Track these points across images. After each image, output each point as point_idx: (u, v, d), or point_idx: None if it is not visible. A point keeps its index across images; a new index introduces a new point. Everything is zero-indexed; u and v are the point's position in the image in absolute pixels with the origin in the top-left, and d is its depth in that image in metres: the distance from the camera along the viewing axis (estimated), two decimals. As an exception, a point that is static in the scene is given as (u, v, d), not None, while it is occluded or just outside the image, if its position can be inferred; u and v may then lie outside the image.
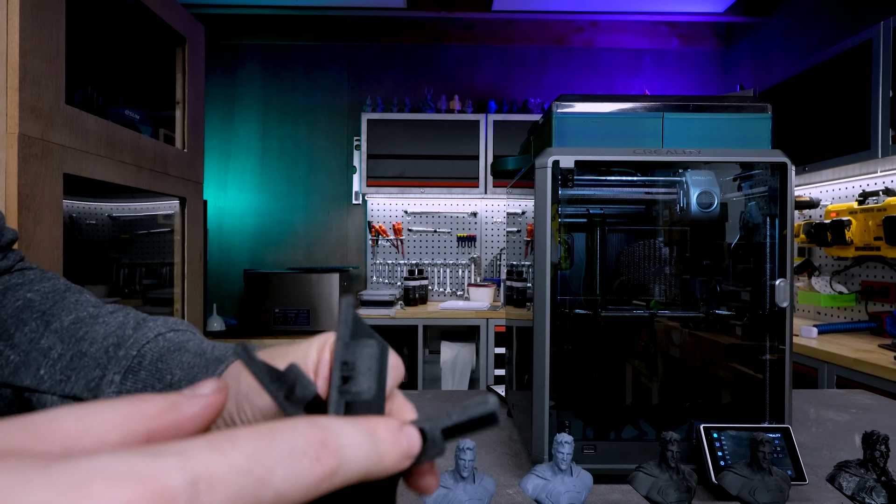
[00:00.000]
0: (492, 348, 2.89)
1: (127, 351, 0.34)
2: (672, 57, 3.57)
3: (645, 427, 0.85)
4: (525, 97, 3.50)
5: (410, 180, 3.13)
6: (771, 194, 0.79)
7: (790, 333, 0.77)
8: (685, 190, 0.83)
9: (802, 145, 2.16)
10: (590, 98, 0.81)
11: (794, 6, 2.87)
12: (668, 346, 0.91)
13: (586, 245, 0.91)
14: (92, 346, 0.35)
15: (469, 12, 3.23)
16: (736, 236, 0.87)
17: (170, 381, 0.32)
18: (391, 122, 3.14)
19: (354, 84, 3.52)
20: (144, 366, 0.33)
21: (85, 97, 1.46)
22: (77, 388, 0.33)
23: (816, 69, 2.10)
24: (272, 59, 3.51)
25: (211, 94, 3.40)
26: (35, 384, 0.33)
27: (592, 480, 0.60)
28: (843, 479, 0.63)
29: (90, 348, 0.35)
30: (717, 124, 0.81)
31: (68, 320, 0.36)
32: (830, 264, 2.36)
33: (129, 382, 0.32)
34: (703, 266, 0.90)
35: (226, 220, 3.49)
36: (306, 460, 0.15)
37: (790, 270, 0.77)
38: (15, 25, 1.10)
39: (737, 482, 0.63)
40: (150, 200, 1.73)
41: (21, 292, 0.38)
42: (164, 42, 1.78)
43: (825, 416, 1.03)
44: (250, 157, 3.52)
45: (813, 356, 1.86)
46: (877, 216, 1.92)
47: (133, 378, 0.32)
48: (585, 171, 0.82)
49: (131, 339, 0.35)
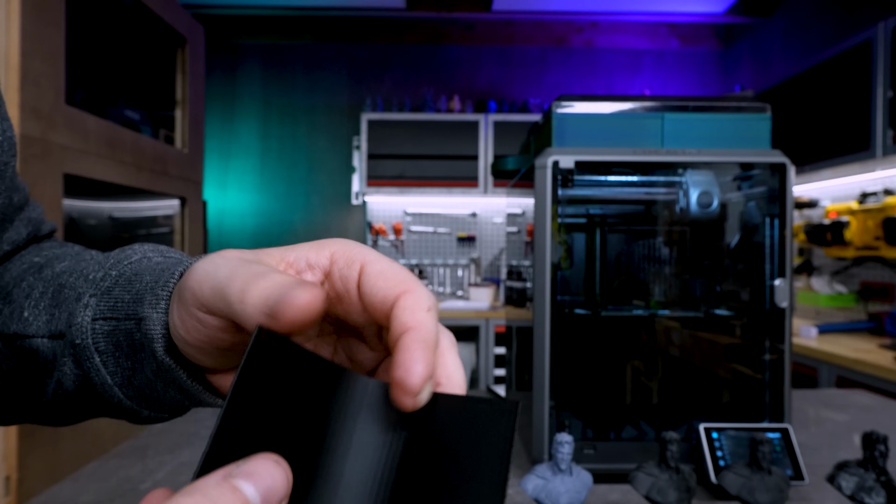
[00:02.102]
0: (492, 348, 2.89)
1: (106, 272, 0.31)
2: (672, 57, 3.57)
3: (645, 427, 0.85)
4: (525, 97, 3.50)
5: (410, 180, 3.13)
6: (770, 194, 0.80)
7: (789, 333, 0.77)
8: (685, 190, 0.83)
9: (802, 145, 2.16)
10: (590, 98, 0.81)
11: (793, 6, 2.87)
12: (667, 346, 0.91)
13: (586, 245, 0.91)
14: (71, 276, 0.32)
15: (469, 12, 3.23)
16: (736, 236, 0.87)
17: (138, 289, 0.29)
18: (391, 122, 3.14)
19: (354, 84, 3.53)
20: (120, 283, 0.30)
21: (85, 97, 1.46)
22: (61, 324, 0.30)
23: (816, 69, 2.10)
24: (272, 59, 3.51)
25: (211, 94, 3.40)
26: (22, 328, 0.31)
27: (592, 480, 0.60)
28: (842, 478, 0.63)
29: (69, 279, 0.32)
30: (716, 124, 0.81)
31: (60, 267, 0.34)
32: (830, 264, 2.36)
33: (103, 303, 0.29)
34: (702, 266, 0.90)
35: (226, 220, 3.49)
36: None
37: (790, 270, 0.77)
38: (15, 26, 1.10)
39: (736, 482, 0.63)
40: (150, 200, 1.73)
41: (28, 257, 0.37)
42: (165, 42, 1.78)
43: (825, 416, 1.04)
44: (250, 157, 3.52)
45: (812, 356, 1.86)
46: (876, 216, 1.92)
47: (107, 298, 0.29)
48: (585, 171, 0.82)
49: (111, 261, 0.31)
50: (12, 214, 0.38)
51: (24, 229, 0.39)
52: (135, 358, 0.29)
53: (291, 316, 0.19)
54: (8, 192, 0.36)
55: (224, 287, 0.21)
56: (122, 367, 0.29)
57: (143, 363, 0.29)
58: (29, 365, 0.32)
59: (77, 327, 0.29)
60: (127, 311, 0.29)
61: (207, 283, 0.22)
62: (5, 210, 0.37)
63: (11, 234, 0.38)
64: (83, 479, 0.73)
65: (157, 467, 0.76)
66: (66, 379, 0.30)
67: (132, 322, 0.28)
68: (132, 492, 0.69)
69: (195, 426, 0.93)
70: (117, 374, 0.29)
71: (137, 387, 0.30)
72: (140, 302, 0.28)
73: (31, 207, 0.40)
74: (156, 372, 0.28)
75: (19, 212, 0.39)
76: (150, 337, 0.26)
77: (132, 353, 0.29)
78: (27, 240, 0.40)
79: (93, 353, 0.29)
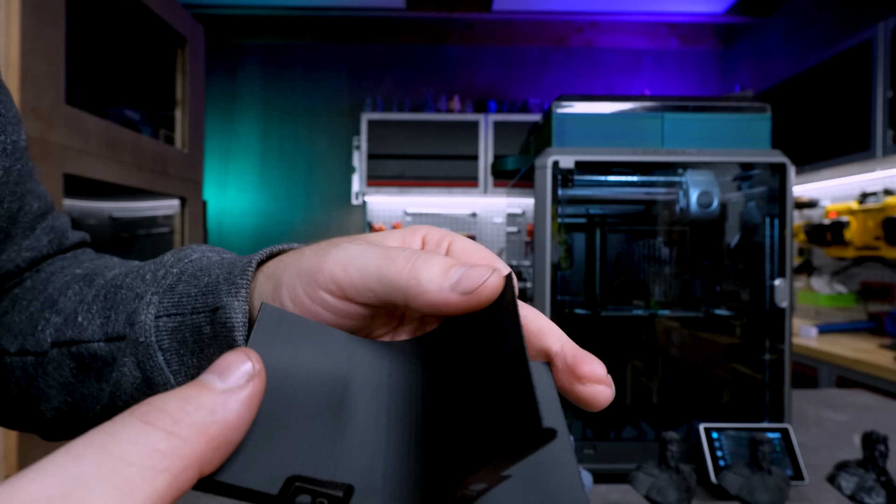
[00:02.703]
0: (492, 348, 2.88)
1: (167, 270, 0.30)
2: (672, 57, 3.57)
3: (645, 427, 0.85)
4: (525, 97, 3.50)
5: (410, 180, 3.13)
6: (770, 194, 0.80)
7: (789, 333, 0.77)
8: (685, 190, 0.83)
9: (802, 145, 2.16)
10: (590, 98, 0.81)
11: (793, 6, 2.87)
12: (667, 346, 0.91)
13: (586, 245, 0.91)
14: (126, 277, 0.32)
15: (469, 12, 3.23)
16: (736, 236, 0.87)
17: (206, 282, 0.28)
18: (391, 122, 3.14)
19: (354, 84, 3.53)
20: (183, 280, 0.29)
21: (85, 97, 1.46)
22: (118, 326, 0.29)
23: (816, 69, 2.10)
24: (272, 59, 3.51)
25: (211, 94, 3.40)
26: (77, 334, 0.31)
27: (592, 480, 0.60)
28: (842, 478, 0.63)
29: (125, 280, 0.31)
30: (716, 124, 0.81)
31: (111, 274, 0.33)
32: (830, 264, 2.36)
33: (166, 300, 0.29)
34: (702, 266, 0.90)
35: (226, 220, 3.49)
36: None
37: (790, 270, 0.77)
38: (15, 26, 1.10)
39: (736, 482, 0.63)
40: (150, 200, 1.73)
41: (70, 269, 0.37)
42: (165, 42, 1.78)
43: (824, 416, 1.03)
44: (250, 157, 3.52)
45: (812, 356, 1.86)
46: (876, 216, 1.92)
47: (170, 294, 0.29)
48: (585, 171, 0.82)
49: (171, 259, 0.31)
50: (33, 222, 0.37)
51: (45, 237, 0.38)
52: (201, 354, 0.28)
53: (488, 293, 0.20)
54: (18, 198, 0.36)
55: (380, 269, 0.22)
56: (187, 366, 0.29)
57: (210, 359, 0.28)
58: (86, 371, 0.31)
59: (140, 325, 0.28)
60: (194, 305, 0.28)
61: (353, 266, 0.22)
62: (16, 216, 0.36)
63: (32, 241, 0.37)
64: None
65: (157, 467, 0.76)
66: (125, 380, 0.29)
67: (201, 316, 0.28)
68: (132, 492, 0.69)
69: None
70: (181, 372, 0.29)
71: None
72: (212, 293, 0.27)
73: (55, 216, 0.40)
74: None
75: (41, 219, 0.38)
76: (231, 325, 0.26)
77: (198, 350, 0.28)
78: (51, 248, 0.39)
79: (156, 352, 0.28)
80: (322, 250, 0.23)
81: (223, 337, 0.26)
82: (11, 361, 0.33)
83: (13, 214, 0.36)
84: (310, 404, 0.18)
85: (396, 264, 0.21)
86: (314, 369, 0.19)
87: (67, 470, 0.12)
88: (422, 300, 0.21)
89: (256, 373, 0.15)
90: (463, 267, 0.21)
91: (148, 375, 0.29)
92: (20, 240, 0.37)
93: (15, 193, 0.35)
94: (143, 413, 0.13)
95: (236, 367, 0.15)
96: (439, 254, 0.22)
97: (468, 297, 0.20)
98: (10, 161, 0.35)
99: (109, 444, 0.12)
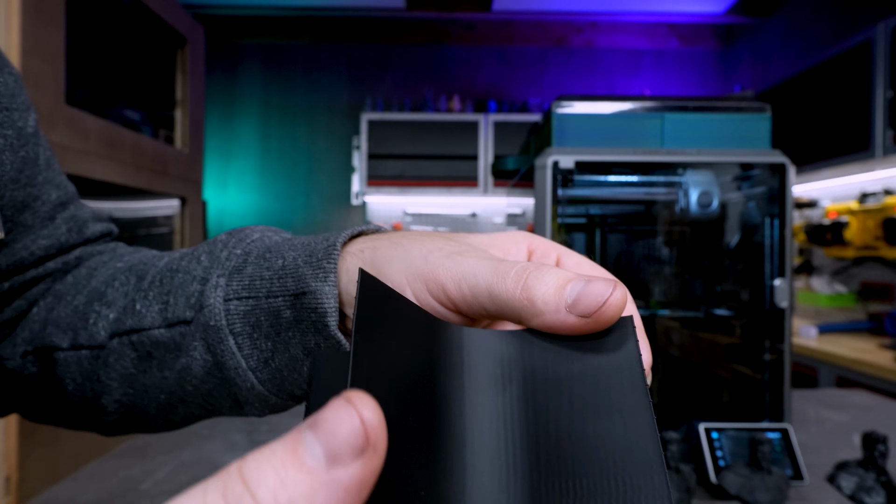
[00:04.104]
0: (491, 348, 2.88)
1: (230, 251, 0.29)
2: (672, 57, 3.57)
3: (645, 427, 0.85)
4: (525, 97, 3.50)
5: (410, 180, 3.13)
6: (770, 194, 0.80)
7: (789, 333, 0.77)
8: (685, 190, 0.83)
9: (802, 145, 2.16)
10: (590, 98, 0.81)
11: (793, 6, 2.87)
12: (667, 346, 0.91)
13: (586, 245, 0.91)
14: (182, 261, 0.31)
15: (469, 12, 3.23)
16: (736, 236, 0.87)
17: (282, 265, 0.27)
18: (391, 122, 3.14)
19: (354, 84, 3.53)
20: (250, 262, 0.28)
21: (85, 97, 1.46)
22: (178, 310, 0.29)
23: (816, 69, 2.10)
24: (272, 59, 3.51)
25: (211, 94, 3.40)
26: (137, 323, 0.30)
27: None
28: (842, 478, 0.63)
29: (180, 263, 0.31)
30: (716, 124, 0.81)
31: (162, 262, 0.33)
32: (830, 264, 2.36)
33: (234, 282, 0.28)
34: (702, 266, 0.90)
35: (226, 220, 3.49)
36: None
37: (789, 270, 0.77)
38: (15, 26, 1.10)
39: (736, 482, 0.63)
40: (150, 200, 1.73)
41: (111, 263, 0.36)
42: (165, 42, 1.78)
43: (824, 416, 1.04)
44: (250, 157, 3.52)
45: (812, 356, 1.86)
46: (876, 216, 1.92)
47: (238, 276, 0.28)
48: (585, 171, 0.82)
49: (232, 240, 0.30)
50: (52, 211, 0.37)
51: (65, 226, 0.38)
52: (277, 338, 0.27)
53: (610, 314, 0.18)
54: (23, 186, 0.35)
55: (491, 287, 0.20)
56: (260, 349, 0.28)
57: (288, 343, 0.27)
58: (147, 360, 0.30)
59: (209, 308, 0.27)
60: (270, 289, 0.27)
61: (465, 283, 0.21)
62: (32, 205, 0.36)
63: (50, 230, 0.37)
64: (83, 478, 0.73)
65: (157, 467, 0.76)
66: (194, 364, 0.29)
67: (279, 300, 0.27)
68: (132, 492, 0.69)
69: (196, 426, 0.93)
70: (253, 356, 0.28)
71: (274, 369, 0.28)
72: (292, 276, 0.26)
73: (78, 206, 0.40)
74: (311, 349, 0.26)
75: (61, 209, 0.38)
76: (322, 311, 0.25)
77: (275, 334, 0.27)
78: (70, 237, 0.39)
79: (227, 336, 0.27)
80: (430, 252, 0.23)
81: (311, 322, 0.26)
82: (66, 357, 0.33)
83: (22, 203, 0.35)
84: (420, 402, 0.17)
85: (508, 282, 0.20)
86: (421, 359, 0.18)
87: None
88: (536, 322, 0.19)
89: (372, 445, 0.11)
90: (581, 281, 0.19)
91: (219, 359, 0.28)
92: (38, 229, 0.36)
93: (18, 181, 0.34)
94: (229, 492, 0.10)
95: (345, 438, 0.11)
96: (551, 266, 0.20)
97: (587, 321, 0.18)
98: (17, 145, 0.34)
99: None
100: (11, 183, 0.34)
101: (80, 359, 0.32)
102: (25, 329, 0.35)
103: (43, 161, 0.37)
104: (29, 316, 0.36)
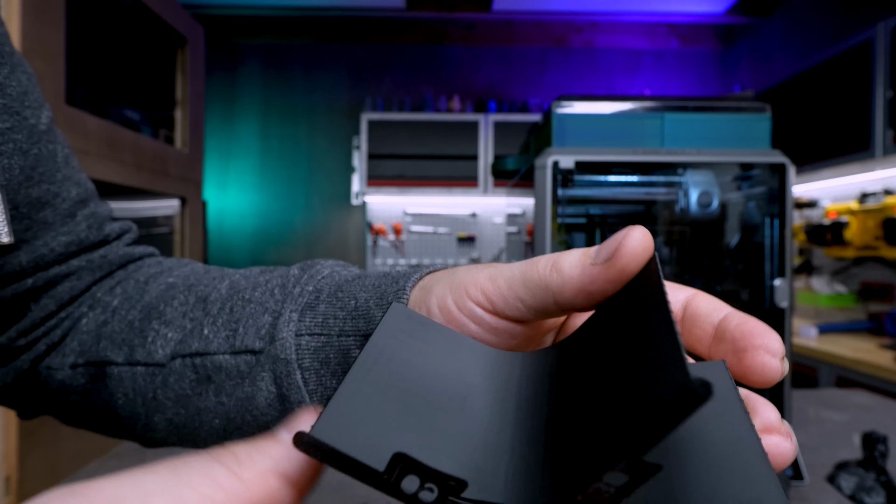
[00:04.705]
0: (491, 348, 2.88)
1: (303, 288, 0.30)
2: (672, 57, 3.57)
3: (645, 427, 0.85)
4: (525, 97, 3.50)
5: (410, 180, 3.13)
6: (770, 194, 0.80)
7: (789, 333, 0.77)
8: (685, 190, 0.83)
9: (802, 145, 2.16)
10: (590, 98, 0.81)
11: (793, 6, 2.87)
12: (667, 346, 0.91)
13: (586, 245, 0.91)
14: (255, 291, 0.32)
15: (469, 12, 3.23)
16: (736, 236, 0.87)
17: (354, 306, 0.28)
18: (391, 122, 3.14)
19: (354, 84, 3.53)
20: (322, 299, 0.29)
21: (85, 97, 1.46)
22: (248, 339, 0.30)
23: (816, 69, 2.10)
24: (272, 59, 3.51)
25: (211, 94, 3.40)
26: (203, 347, 0.31)
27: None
28: (842, 478, 0.63)
29: (253, 294, 0.31)
30: (716, 124, 0.81)
31: (225, 286, 0.33)
32: (830, 264, 2.36)
33: (307, 318, 0.29)
34: (702, 266, 0.90)
35: (226, 220, 3.49)
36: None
37: (790, 270, 0.77)
38: (15, 26, 1.10)
39: (736, 482, 0.63)
40: (150, 200, 1.73)
41: (162, 278, 0.37)
42: (165, 42, 1.78)
43: (824, 416, 1.03)
44: (250, 157, 3.52)
45: (812, 356, 1.86)
46: (876, 216, 1.92)
47: (311, 313, 0.29)
48: (585, 171, 0.82)
49: (304, 276, 0.31)
50: (72, 208, 0.37)
51: (85, 222, 0.38)
52: (342, 377, 0.28)
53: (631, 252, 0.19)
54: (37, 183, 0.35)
55: (525, 274, 0.22)
56: (325, 386, 0.29)
57: None
58: (205, 384, 0.31)
59: (281, 342, 0.28)
60: (342, 328, 0.28)
61: (501, 278, 0.23)
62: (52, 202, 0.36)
63: (70, 226, 0.37)
64: (83, 479, 0.73)
65: (157, 467, 0.76)
66: (259, 395, 0.29)
67: (350, 339, 0.28)
68: (132, 492, 0.69)
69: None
70: (317, 392, 0.29)
71: None
72: (363, 318, 0.27)
73: (98, 204, 0.40)
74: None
75: (81, 206, 0.38)
76: None
77: (341, 372, 0.28)
78: (90, 234, 0.39)
79: (295, 370, 0.28)
80: (476, 268, 0.24)
81: None
82: (120, 372, 0.33)
83: (40, 200, 0.35)
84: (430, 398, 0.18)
85: (539, 266, 0.22)
86: (438, 367, 0.19)
87: (139, 479, 0.14)
88: (568, 290, 0.21)
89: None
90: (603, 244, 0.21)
91: (284, 392, 0.29)
92: (59, 226, 0.36)
93: (32, 179, 0.34)
94: (215, 451, 0.15)
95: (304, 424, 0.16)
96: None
97: (611, 263, 0.20)
98: (27, 145, 0.34)
99: (180, 468, 0.14)
100: (26, 181, 0.34)
101: (134, 375, 0.33)
102: (74, 340, 0.36)
103: (61, 158, 0.37)
104: (77, 327, 0.36)
